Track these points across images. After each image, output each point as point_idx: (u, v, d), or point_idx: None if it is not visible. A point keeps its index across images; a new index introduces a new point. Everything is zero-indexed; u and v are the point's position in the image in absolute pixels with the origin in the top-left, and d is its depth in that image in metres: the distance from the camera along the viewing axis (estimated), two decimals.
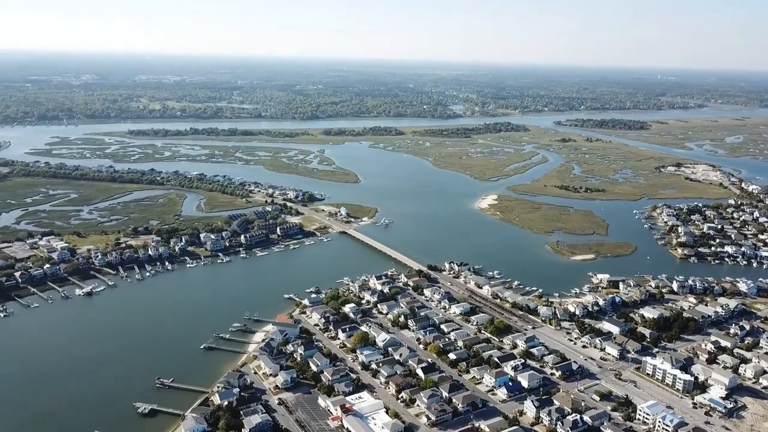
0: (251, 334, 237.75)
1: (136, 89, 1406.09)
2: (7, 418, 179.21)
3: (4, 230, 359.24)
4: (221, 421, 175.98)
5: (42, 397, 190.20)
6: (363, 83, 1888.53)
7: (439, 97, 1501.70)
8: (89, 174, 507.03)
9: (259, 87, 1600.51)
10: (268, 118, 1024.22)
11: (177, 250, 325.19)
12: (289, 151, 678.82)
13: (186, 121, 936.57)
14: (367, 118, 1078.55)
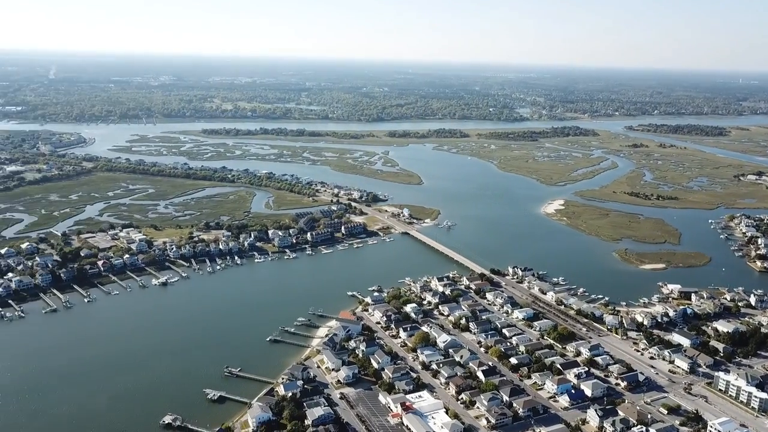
0: (315, 329, 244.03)
1: (210, 90, 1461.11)
2: (91, 396, 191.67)
3: (89, 221, 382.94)
4: (285, 411, 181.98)
5: (121, 378, 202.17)
6: (428, 85, 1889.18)
7: (506, 100, 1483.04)
8: (166, 170, 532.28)
9: (327, 89, 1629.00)
10: (334, 120, 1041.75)
11: (246, 246, 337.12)
12: (354, 152, 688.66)
13: (256, 121, 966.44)
14: (431, 120, 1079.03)
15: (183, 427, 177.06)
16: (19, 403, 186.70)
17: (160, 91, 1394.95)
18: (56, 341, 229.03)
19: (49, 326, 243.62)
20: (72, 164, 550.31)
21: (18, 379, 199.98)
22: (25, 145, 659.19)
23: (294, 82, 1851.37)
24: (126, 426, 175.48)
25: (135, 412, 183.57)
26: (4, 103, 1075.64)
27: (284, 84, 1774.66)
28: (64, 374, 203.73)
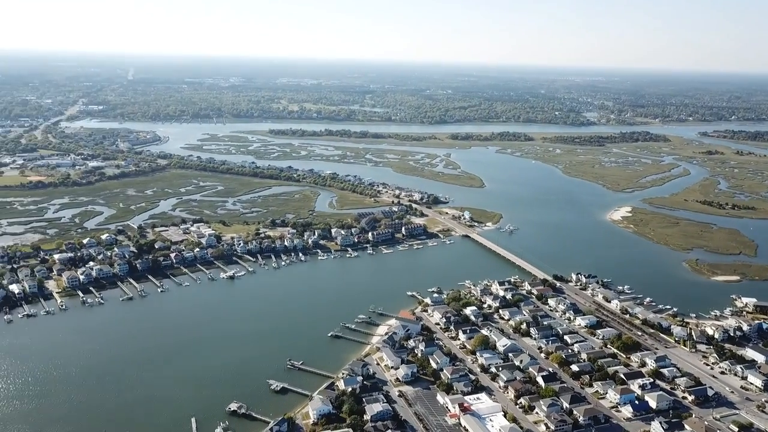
0: (375, 327, 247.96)
1: (277, 91, 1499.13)
2: (162, 380, 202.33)
3: (162, 216, 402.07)
4: (345, 405, 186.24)
5: (190, 365, 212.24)
6: (492, 88, 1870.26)
7: (572, 104, 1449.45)
8: (234, 169, 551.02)
9: (391, 91, 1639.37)
10: (397, 122, 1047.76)
11: (310, 243, 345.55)
12: (416, 155, 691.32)
13: (321, 122, 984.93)
14: (495, 123, 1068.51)
15: (247, 414, 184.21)
16: (98, 383, 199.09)
17: (230, 92, 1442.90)
18: (132, 327, 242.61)
19: (126, 313, 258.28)
20: (148, 161, 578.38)
21: (97, 361, 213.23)
22: (105, 142, 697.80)
23: (358, 85, 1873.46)
24: (195, 410, 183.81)
25: (203, 397, 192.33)
26: (87, 102, 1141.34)
27: (349, 86, 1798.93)
28: (138, 358, 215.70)
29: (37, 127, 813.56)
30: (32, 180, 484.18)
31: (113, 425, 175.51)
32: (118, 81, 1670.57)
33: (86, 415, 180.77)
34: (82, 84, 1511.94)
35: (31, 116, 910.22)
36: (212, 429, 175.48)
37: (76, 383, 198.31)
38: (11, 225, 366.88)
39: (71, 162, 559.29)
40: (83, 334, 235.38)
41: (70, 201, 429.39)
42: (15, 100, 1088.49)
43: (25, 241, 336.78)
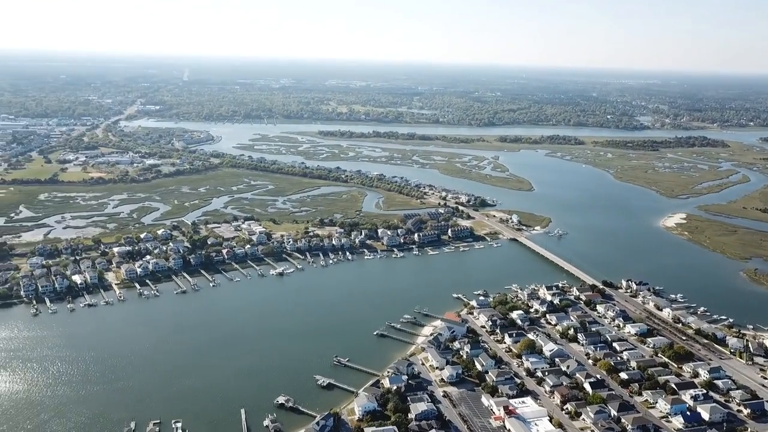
0: (420, 327, 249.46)
1: (327, 93, 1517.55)
2: (213, 371, 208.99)
3: (215, 213, 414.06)
4: (390, 403, 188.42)
5: (239, 358, 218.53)
6: (542, 91, 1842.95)
7: (625, 107, 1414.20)
8: (284, 168, 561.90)
9: (438, 93, 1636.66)
10: (445, 124, 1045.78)
11: (357, 243, 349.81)
12: (463, 157, 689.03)
13: (369, 124, 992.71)
14: (545, 126, 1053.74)
15: (295, 408, 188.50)
16: (153, 371, 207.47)
17: (280, 93, 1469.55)
18: (185, 319, 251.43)
19: (180, 306, 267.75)
20: (201, 160, 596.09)
21: (153, 350, 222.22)
22: (161, 141, 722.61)
23: (406, 87, 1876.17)
24: (243, 402, 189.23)
25: (251, 389, 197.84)
26: (145, 102, 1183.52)
27: (397, 88, 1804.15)
28: (191, 349, 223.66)
29: (98, 125, 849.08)
30: (93, 176, 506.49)
31: (168, 412, 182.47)
32: (173, 82, 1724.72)
33: (142, 402, 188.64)
34: (140, 85, 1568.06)
35: (92, 115, 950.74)
36: (261, 421, 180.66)
37: (133, 371, 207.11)
38: (74, 219, 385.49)
39: (130, 160, 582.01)
40: (140, 325, 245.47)
41: (128, 197, 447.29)
42: (78, 100, 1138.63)
43: (87, 234, 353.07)
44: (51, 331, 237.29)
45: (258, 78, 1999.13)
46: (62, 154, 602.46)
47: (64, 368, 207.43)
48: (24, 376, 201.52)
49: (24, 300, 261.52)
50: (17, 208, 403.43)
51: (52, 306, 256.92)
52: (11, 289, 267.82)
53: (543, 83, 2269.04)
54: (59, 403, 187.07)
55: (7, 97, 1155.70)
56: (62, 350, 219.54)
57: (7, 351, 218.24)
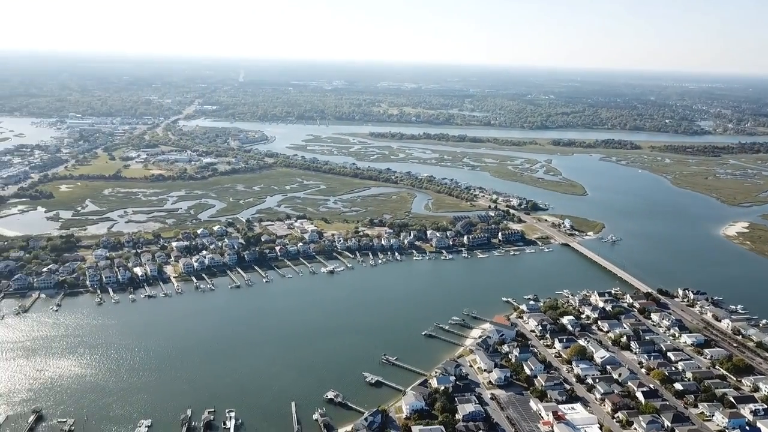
0: (469, 330, 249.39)
1: (378, 95, 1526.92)
2: (265, 363, 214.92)
3: (268, 211, 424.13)
4: (438, 403, 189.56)
5: (290, 352, 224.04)
6: (597, 94, 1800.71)
7: (685, 111, 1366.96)
8: (336, 169, 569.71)
9: (490, 96, 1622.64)
10: (496, 127, 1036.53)
11: (406, 243, 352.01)
12: (515, 160, 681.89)
13: (419, 126, 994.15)
14: (599, 130, 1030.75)
15: (343, 403, 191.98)
16: (208, 361, 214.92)
17: (332, 94, 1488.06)
18: (239, 313, 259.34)
19: (234, 300, 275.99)
20: (256, 159, 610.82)
21: (208, 341, 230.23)
22: (218, 140, 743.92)
23: (458, 89, 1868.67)
24: (294, 395, 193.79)
25: (302, 383, 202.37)
26: (202, 102, 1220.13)
27: (448, 90, 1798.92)
28: (244, 342, 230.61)
29: (158, 124, 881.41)
30: (154, 173, 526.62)
31: (221, 402, 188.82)
32: (229, 83, 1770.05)
33: (198, 390, 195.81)
34: (197, 85, 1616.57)
35: (153, 115, 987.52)
36: (310, 414, 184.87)
37: (189, 360, 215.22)
38: (136, 213, 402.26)
39: (188, 158, 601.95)
40: (196, 317, 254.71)
41: (186, 194, 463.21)
42: (140, 100, 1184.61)
43: (147, 228, 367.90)
44: (113, 319, 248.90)
45: (311, 80, 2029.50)
46: (125, 152, 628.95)
47: (126, 355, 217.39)
48: (90, 361, 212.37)
49: (89, 289, 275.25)
50: (83, 202, 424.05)
51: (115, 296, 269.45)
52: (78, 278, 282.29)
53: (598, 86, 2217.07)
54: (121, 388, 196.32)
55: (75, 96, 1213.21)
56: (124, 338, 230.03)
57: (75, 337, 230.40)
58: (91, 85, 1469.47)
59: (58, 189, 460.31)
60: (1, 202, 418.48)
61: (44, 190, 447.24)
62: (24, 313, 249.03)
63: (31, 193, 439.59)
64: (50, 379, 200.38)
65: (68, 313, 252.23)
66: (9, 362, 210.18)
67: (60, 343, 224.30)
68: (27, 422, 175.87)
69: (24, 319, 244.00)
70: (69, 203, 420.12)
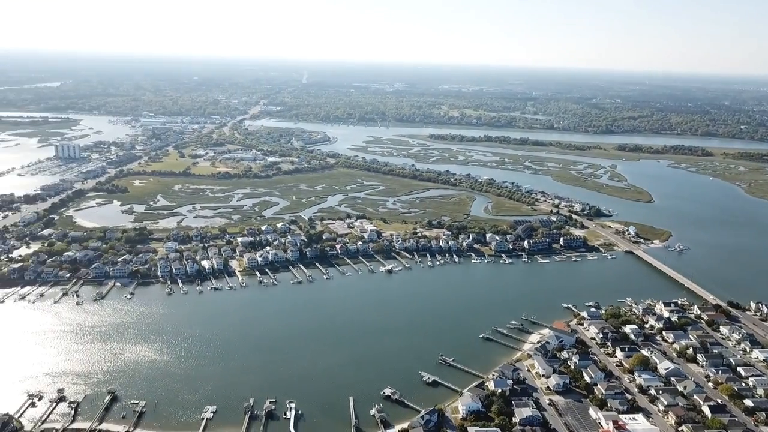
0: (527, 334, 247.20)
1: (439, 97, 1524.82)
2: (324, 357, 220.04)
3: (329, 210, 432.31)
4: (494, 405, 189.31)
5: (349, 347, 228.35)
6: (667, 98, 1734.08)
7: (762, 117, 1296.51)
8: (395, 170, 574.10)
9: (554, 99, 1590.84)
10: (559, 130, 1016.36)
11: (464, 246, 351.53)
12: (578, 164, 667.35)
13: (480, 128, 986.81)
14: (668, 135, 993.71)
15: (400, 401, 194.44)
16: (270, 353, 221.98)
17: (393, 96, 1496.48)
18: (300, 308, 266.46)
19: (295, 295, 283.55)
20: (318, 159, 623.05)
21: (270, 334, 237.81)
22: (282, 140, 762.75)
23: (520, 92, 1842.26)
24: (352, 390, 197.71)
25: (359, 379, 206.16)
26: (267, 103, 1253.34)
27: (510, 93, 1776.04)
28: (305, 336, 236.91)
29: (225, 124, 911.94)
30: (221, 171, 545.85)
31: (282, 392, 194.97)
32: (293, 84, 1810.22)
33: (260, 380, 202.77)
34: (263, 86, 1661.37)
35: (221, 114, 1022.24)
36: (367, 409, 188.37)
37: (252, 351, 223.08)
38: (203, 209, 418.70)
39: (253, 157, 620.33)
40: (259, 310, 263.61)
41: (251, 191, 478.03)
42: (208, 100, 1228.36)
43: (214, 224, 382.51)
44: (182, 309, 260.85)
45: (372, 82, 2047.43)
46: (194, 150, 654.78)
47: (193, 344, 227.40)
48: (160, 348, 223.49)
49: (160, 280, 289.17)
50: (155, 197, 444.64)
51: (184, 287, 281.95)
52: (150, 269, 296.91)
53: (668, 90, 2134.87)
54: (187, 375, 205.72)
55: (149, 96, 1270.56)
56: (191, 327, 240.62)
57: (146, 324, 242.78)
58: (163, 86, 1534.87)
59: (132, 184, 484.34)
60: (80, 195, 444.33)
61: (120, 185, 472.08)
62: (101, 299, 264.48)
63: (107, 188, 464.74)
64: (124, 362, 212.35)
65: (140, 301, 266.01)
66: (87, 345, 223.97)
67: (133, 330, 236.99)
68: (103, 402, 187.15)
69: (101, 306, 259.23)
70: (142, 198, 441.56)
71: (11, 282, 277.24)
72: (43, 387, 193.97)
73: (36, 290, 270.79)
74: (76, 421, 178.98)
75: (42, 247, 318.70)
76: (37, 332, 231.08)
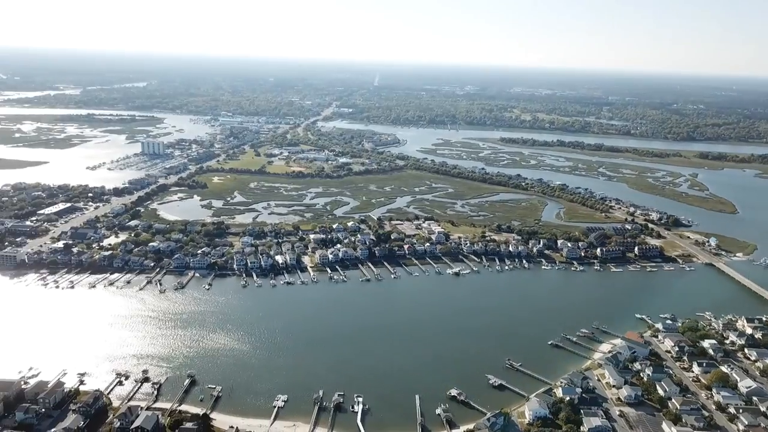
0: (598, 343, 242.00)
1: (510, 100, 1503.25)
2: (389, 355, 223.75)
3: (398, 211, 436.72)
4: (562, 413, 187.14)
5: (414, 346, 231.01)
6: (756, 104, 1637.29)
7: None
8: (464, 173, 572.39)
9: (631, 104, 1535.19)
10: (636, 137, 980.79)
11: (534, 251, 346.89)
12: (656, 172, 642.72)
13: (553, 133, 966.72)
14: (756, 143, 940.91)
15: (466, 402, 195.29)
16: (340, 348, 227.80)
17: (464, 99, 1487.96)
18: (368, 305, 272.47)
19: (364, 292, 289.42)
20: (388, 161, 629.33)
21: (340, 329, 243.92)
22: (353, 141, 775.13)
23: (596, 96, 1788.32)
24: (418, 389, 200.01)
25: (426, 378, 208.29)
26: (339, 105, 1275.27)
27: (585, 97, 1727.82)
28: (373, 332, 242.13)
29: (299, 125, 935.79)
30: (294, 170, 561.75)
31: (349, 386, 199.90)
32: (365, 86, 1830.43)
33: (328, 373, 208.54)
34: (335, 89, 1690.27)
35: (295, 115, 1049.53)
36: (433, 408, 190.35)
37: (323, 344, 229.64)
38: (278, 206, 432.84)
39: (325, 157, 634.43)
40: (329, 305, 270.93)
41: (323, 190, 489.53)
42: (283, 101, 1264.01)
43: (288, 220, 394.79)
44: (256, 301, 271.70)
45: (443, 84, 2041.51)
46: (269, 149, 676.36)
47: (266, 334, 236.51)
48: (236, 337, 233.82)
49: (236, 272, 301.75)
50: (232, 194, 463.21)
51: (258, 280, 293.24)
52: (227, 262, 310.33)
53: (759, 96, 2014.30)
54: (260, 365, 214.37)
55: (227, 97, 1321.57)
56: (265, 319, 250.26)
57: (223, 314, 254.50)
58: (240, 87, 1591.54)
59: (211, 180, 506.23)
60: (164, 189, 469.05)
61: (199, 181, 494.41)
62: (181, 288, 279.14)
63: (188, 183, 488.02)
64: (203, 349, 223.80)
65: (218, 291, 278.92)
66: (170, 330, 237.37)
67: (211, 318, 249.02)
68: (183, 384, 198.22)
69: (182, 294, 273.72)
70: (220, 194, 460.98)
71: (101, 268, 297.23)
72: (130, 367, 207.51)
73: (123, 277, 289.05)
74: (159, 401, 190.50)
75: (129, 237, 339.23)
76: (125, 316, 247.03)
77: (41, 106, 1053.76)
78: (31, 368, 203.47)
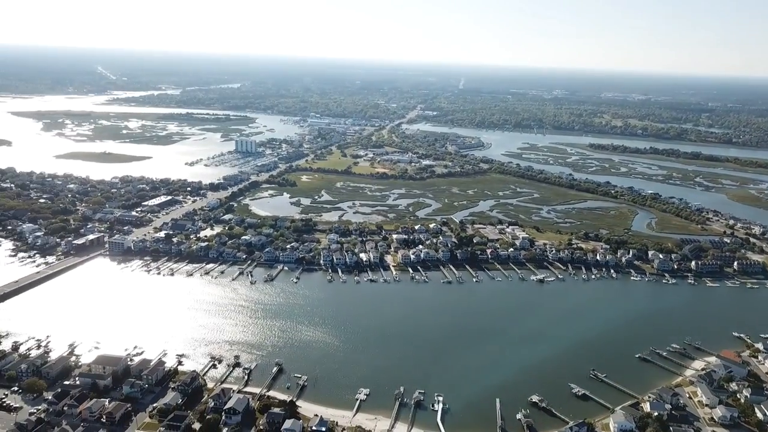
0: (690, 360, 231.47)
1: (601, 105, 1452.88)
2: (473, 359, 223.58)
3: (481, 214, 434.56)
4: (649, 428, 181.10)
5: (497, 350, 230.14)
6: None
7: None
8: (551, 179, 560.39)
9: (734, 111, 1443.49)
10: (739, 145, 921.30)
11: (623, 261, 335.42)
12: (760, 183, 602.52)
13: (646, 140, 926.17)
14: None
15: (547, 409, 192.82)
16: (419, 346, 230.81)
17: (552, 104, 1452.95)
18: (450, 307, 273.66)
19: (445, 294, 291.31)
20: (471, 164, 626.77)
21: (419, 328, 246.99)
22: (436, 144, 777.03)
23: (694, 102, 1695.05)
24: (498, 392, 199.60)
25: (506, 382, 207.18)
26: (424, 107, 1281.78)
27: (681, 103, 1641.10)
28: (452, 333, 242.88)
29: (384, 127, 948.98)
30: (378, 171, 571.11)
31: (430, 385, 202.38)
32: (450, 89, 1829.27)
33: (410, 370, 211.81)
34: (420, 91, 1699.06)
35: (380, 117, 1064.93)
36: (514, 413, 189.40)
37: (404, 342, 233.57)
38: (362, 206, 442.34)
39: (408, 159, 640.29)
40: (411, 304, 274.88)
41: (406, 192, 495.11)
42: (369, 104, 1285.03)
43: (372, 220, 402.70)
44: (341, 296, 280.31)
45: (530, 88, 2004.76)
46: (355, 150, 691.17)
47: (350, 329, 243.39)
48: (322, 329, 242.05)
49: (322, 268, 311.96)
50: (320, 192, 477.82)
51: (343, 276, 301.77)
52: (313, 257, 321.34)
53: None
54: (344, 358, 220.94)
55: (315, 98, 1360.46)
56: (349, 314, 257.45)
57: (310, 307, 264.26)
58: (328, 89, 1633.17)
59: (300, 179, 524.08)
60: (255, 186, 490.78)
61: (289, 179, 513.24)
62: (271, 281, 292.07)
63: (278, 181, 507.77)
64: (290, 339, 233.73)
65: (305, 285, 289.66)
66: (260, 320, 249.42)
67: (298, 311, 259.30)
68: (271, 372, 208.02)
69: (271, 286, 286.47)
70: (308, 192, 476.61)
71: (198, 258, 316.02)
72: (223, 352, 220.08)
73: (217, 268, 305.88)
74: (249, 386, 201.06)
75: (223, 230, 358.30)
76: (219, 304, 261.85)
77: (145, 105, 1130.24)
78: (135, 347, 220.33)
